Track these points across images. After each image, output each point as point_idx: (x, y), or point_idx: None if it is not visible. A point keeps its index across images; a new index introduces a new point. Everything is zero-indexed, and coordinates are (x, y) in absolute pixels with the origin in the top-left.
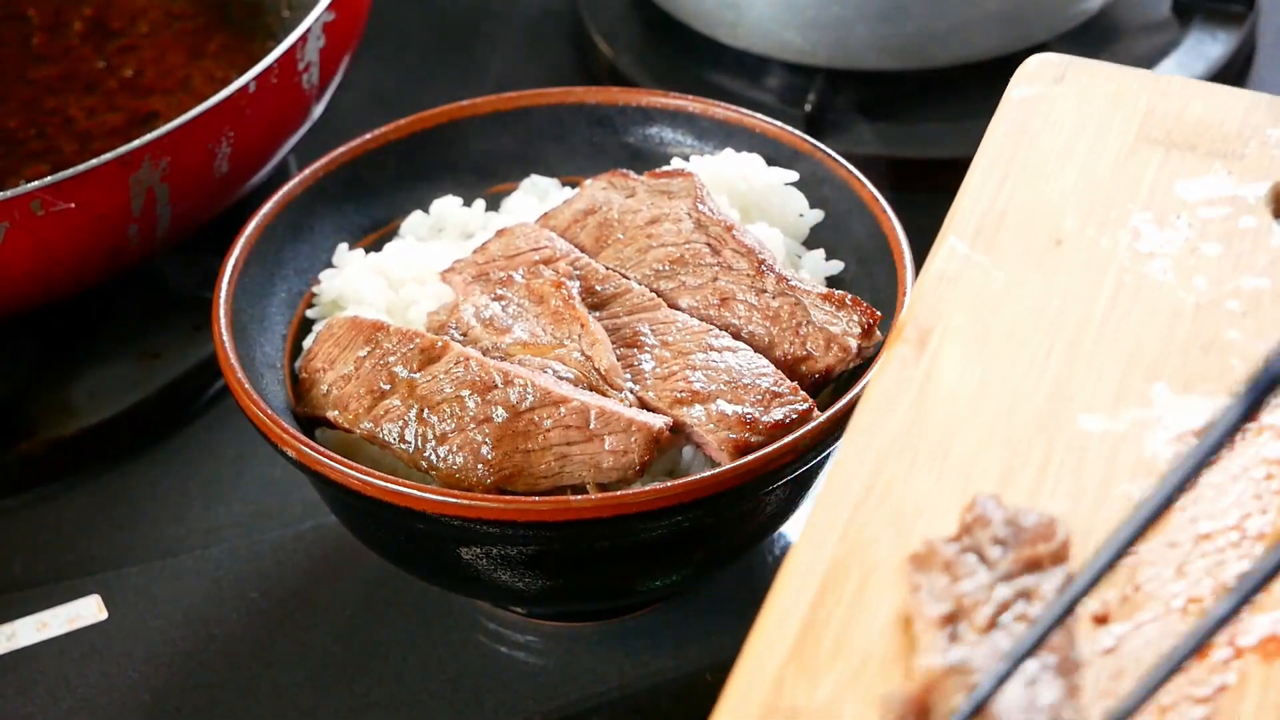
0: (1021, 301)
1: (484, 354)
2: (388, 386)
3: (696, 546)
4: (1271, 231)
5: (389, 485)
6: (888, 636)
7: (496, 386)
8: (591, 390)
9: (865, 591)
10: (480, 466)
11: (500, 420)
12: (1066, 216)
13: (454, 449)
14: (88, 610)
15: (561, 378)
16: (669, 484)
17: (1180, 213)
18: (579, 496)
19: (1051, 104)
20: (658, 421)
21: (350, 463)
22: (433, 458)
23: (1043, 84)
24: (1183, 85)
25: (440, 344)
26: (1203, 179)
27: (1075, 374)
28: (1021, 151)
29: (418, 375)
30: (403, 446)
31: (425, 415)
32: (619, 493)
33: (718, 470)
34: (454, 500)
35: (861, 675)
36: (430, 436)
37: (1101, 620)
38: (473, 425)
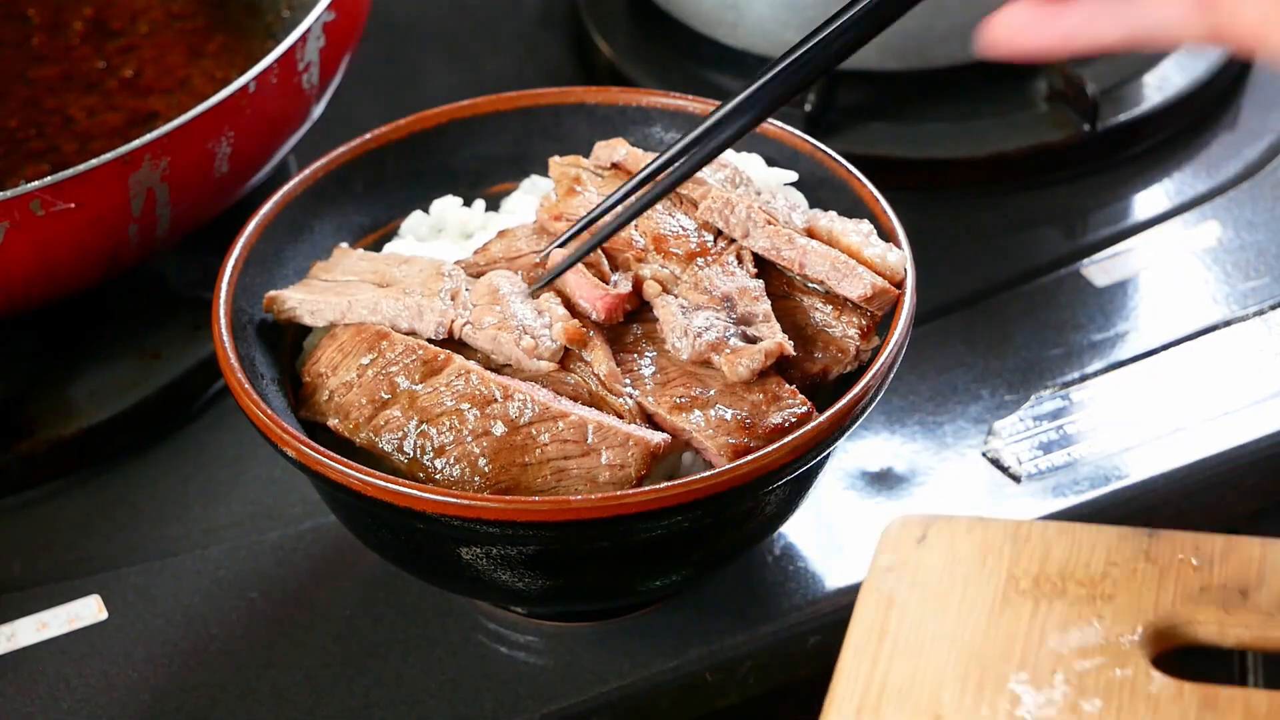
0: None
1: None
2: (388, 396)
3: (696, 547)
4: (1149, 679)
5: (389, 485)
6: None
7: (496, 400)
8: (591, 395)
9: None
10: (477, 479)
11: (499, 434)
12: (944, 689)
13: (451, 461)
14: (88, 610)
15: (560, 383)
16: (668, 485)
17: (1056, 669)
18: (579, 497)
19: (917, 569)
20: (655, 437)
21: (350, 463)
22: (430, 469)
23: (906, 548)
24: (1043, 530)
25: (442, 356)
26: (1075, 629)
27: None
28: (892, 623)
29: (419, 386)
30: (400, 458)
31: (424, 427)
32: (618, 493)
33: (717, 471)
34: (454, 500)
35: None
36: (429, 449)
37: None
38: (471, 438)
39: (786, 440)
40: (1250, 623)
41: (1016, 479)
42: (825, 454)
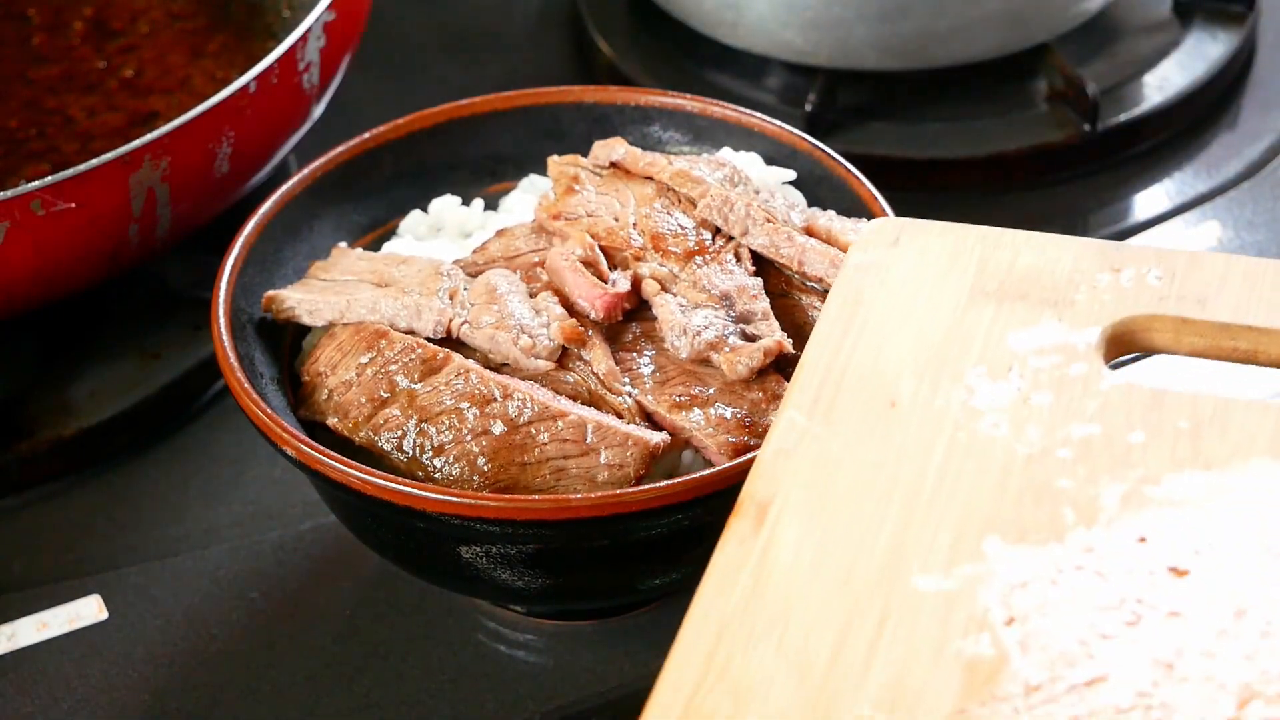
0: (858, 467)
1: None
2: (388, 395)
3: (696, 545)
4: (1101, 377)
5: (389, 484)
6: None
7: (495, 400)
8: (590, 394)
9: None
10: (476, 478)
11: (498, 433)
12: (902, 378)
13: (450, 460)
14: (88, 610)
15: (559, 382)
16: (668, 483)
17: (1012, 364)
18: (579, 495)
19: (887, 268)
20: (654, 437)
21: (350, 461)
22: (429, 468)
23: (879, 248)
24: (1014, 237)
25: (442, 355)
26: (1034, 329)
27: (910, 535)
28: (859, 318)
29: (418, 385)
30: (400, 456)
31: (424, 426)
32: (618, 491)
33: (717, 469)
34: (454, 499)
35: None
36: (428, 447)
37: None
38: (470, 437)
39: None
40: (1205, 331)
41: None
42: None
